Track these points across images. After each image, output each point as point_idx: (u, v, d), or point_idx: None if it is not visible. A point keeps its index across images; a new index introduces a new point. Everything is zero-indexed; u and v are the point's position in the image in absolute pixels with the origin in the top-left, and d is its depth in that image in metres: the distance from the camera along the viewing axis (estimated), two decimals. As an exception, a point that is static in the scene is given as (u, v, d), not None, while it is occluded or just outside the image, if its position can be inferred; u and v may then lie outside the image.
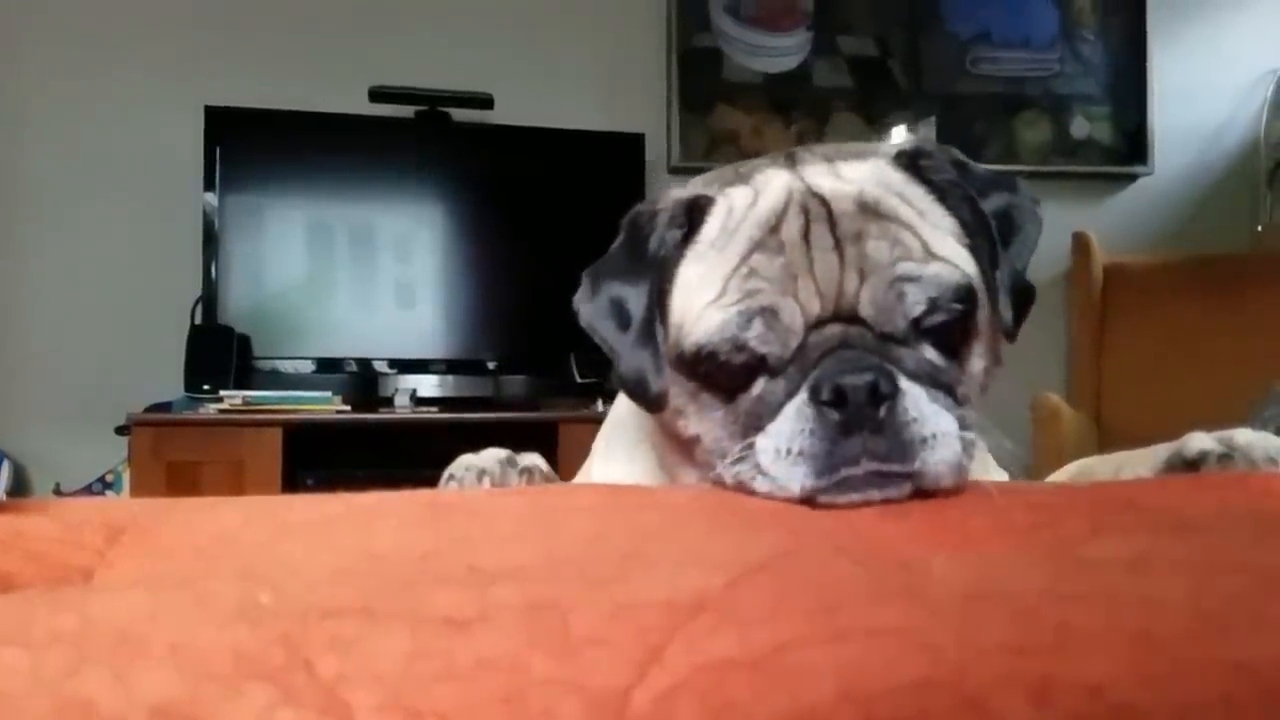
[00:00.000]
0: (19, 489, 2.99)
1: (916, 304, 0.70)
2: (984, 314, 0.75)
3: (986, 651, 0.36)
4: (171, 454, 2.61)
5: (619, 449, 0.92)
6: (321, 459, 2.70)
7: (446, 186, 3.16)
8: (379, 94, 3.05)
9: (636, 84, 3.46)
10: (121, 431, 2.70)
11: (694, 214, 0.78)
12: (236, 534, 0.57)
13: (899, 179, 0.77)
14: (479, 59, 3.30)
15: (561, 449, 2.56)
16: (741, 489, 0.70)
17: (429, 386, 3.13)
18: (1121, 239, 3.58)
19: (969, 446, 0.69)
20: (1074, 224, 3.54)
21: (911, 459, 0.66)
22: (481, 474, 0.81)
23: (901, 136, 3.63)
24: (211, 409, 2.70)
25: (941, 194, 0.77)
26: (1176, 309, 3.32)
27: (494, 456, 0.84)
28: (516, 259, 3.04)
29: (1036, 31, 3.68)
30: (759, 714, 0.34)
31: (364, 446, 2.82)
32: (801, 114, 3.55)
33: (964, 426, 0.69)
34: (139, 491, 2.62)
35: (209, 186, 2.93)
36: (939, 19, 3.63)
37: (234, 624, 0.38)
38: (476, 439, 1.01)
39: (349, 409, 2.81)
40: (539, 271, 2.86)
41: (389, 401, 3.01)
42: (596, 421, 1.01)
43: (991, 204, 0.77)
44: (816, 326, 0.71)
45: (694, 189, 0.81)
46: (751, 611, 0.40)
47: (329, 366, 3.01)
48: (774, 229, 0.73)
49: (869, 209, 0.73)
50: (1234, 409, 2.78)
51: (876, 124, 3.60)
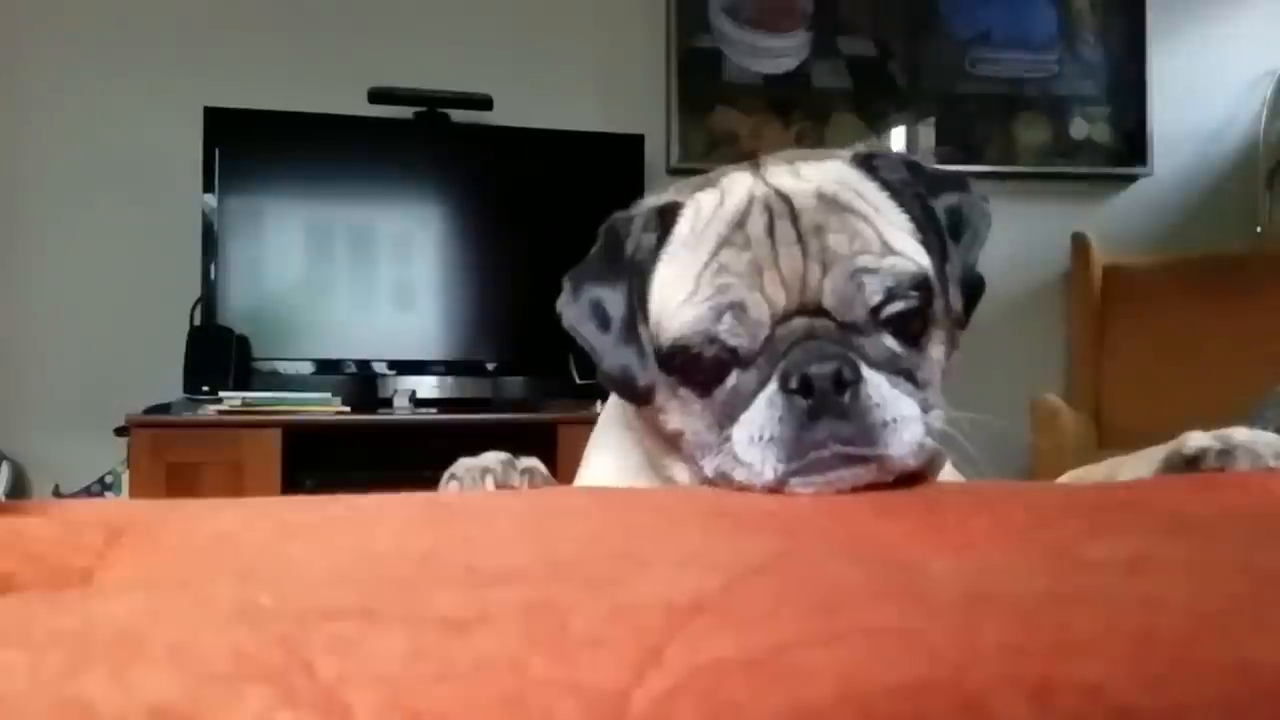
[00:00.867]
0: (18, 490, 2.99)
1: (875, 294, 0.75)
2: (939, 304, 0.80)
3: (985, 652, 0.36)
4: (171, 455, 2.61)
5: (608, 446, 0.95)
6: (321, 460, 2.70)
7: (446, 188, 3.16)
8: (378, 95, 3.05)
9: (636, 85, 3.46)
10: (121, 433, 2.70)
11: (666, 218, 0.83)
12: (236, 535, 0.57)
13: (855, 177, 0.82)
14: (478, 60, 3.30)
15: (561, 450, 2.56)
16: (723, 480, 0.75)
17: (428, 388, 3.14)
18: (1121, 240, 3.59)
19: (932, 429, 0.74)
20: (1073, 225, 3.55)
21: (875, 441, 0.71)
22: (484, 472, 0.82)
23: (901, 137, 3.64)
24: (211, 410, 2.70)
25: (895, 192, 0.81)
26: (1176, 310, 3.32)
27: (495, 458, 0.85)
28: (516, 260, 3.04)
29: (1036, 32, 3.68)
30: (758, 714, 0.34)
31: (363, 448, 2.82)
32: (801, 115, 3.55)
33: (926, 410, 0.74)
34: (138, 493, 2.62)
35: (208, 187, 2.93)
36: (938, 20, 3.63)
37: (233, 625, 0.38)
38: (476, 440, 1.01)
39: (348, 410, 2.81)
40: (538, 273, 2.84)
41: (388, 403, 3.02)
42: (595, 423, 1.02)
43: (943, 202, 0.82)
44: (784, 319, 0.75)
45: (666, 196, 0.86)
46: (750, 612, 0.40)
47: (328, 368, 3.00)
48: (740, 225, 0.78)
49: (829, 203, 0.78)
50: (1234, 409, 2.77)
51: (876, 125, 3.61)
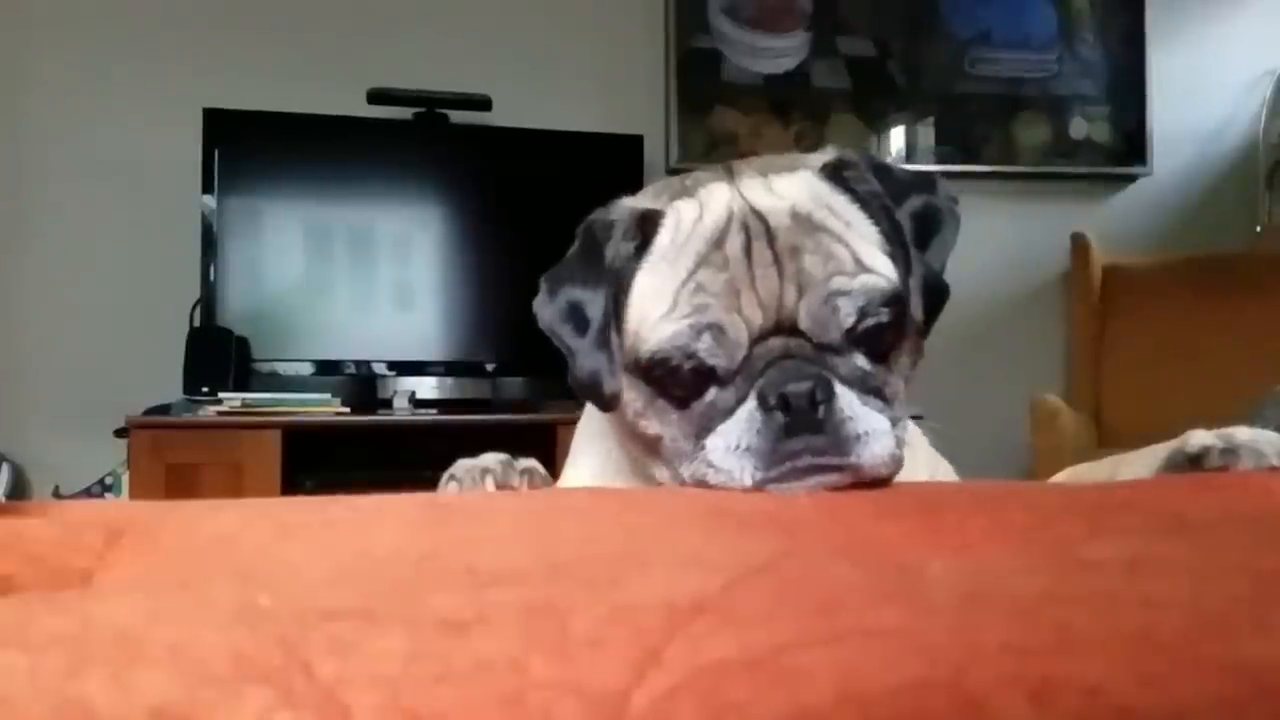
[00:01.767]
0: (18, 492, 2.99)
1: (848, 316, 0.78)
2: (908, 316, 0.82)
3: (985, 652, 0.36)
4: (170, 456, 2.61)
5: (592, 448, 0.97)
6: (320, 461, 2.70)
7: (445, 188, 3.16)
8: (377, 96, 3.05)
9: (635, 85, 3.46)
10: (120, 434, 2.70)
11: (646, 226, 0.84)
12: (235, 536, 0.56)
13: (826, 190, 0.84)
14: (477, 61, 3.30)
15: (560, 451, 2.54)
16: (699, 485, 0.77)
17: (428, 388, 3.14)
18: (1120, 240, 3.59)
19: (900, 442, 0.77)
20: (1073, 225, 3.55)
21: (849, 452, 0.74)
22: (484, 473, 0.83)
23: (900, 137, 3.64)
24: (210, 411, 2.70)
25: (864, 204, 0.83)
26: (1175, 309, 3.33)
27: (494, 459, 0.86)
28: (515, 261, 3.03)
29: (1035, 32, 3.68)
30: (758, 715, 0.34)
31: (363, 448, 2.83)
32: (800, 115, 3.55)
33: (894, 424, 0.77)
34: (138, 494, 2.62)
35: (208, 189, 2.93)
36: (938, 20, 3.64)
37: (233, 626, 0.38)
38: (475, 441, 1.01)
39: (348, 411, 2.81)
40: (538, 274, 2.85)
41: (388, 403, 3.02)
42: (594, 424, 1.02)
43: (910, 206, 0.84)
44: (761, 339, 0.78)
45: (644, 201, 0.87)
46: (750, 613, 0.40)
47: (328, 368, 3.00)
48: (718, 245, 0.80)
49: (803, 222, 0.80)
50: (1233, 409, 2.77)
51: (875, 125, 3.61)
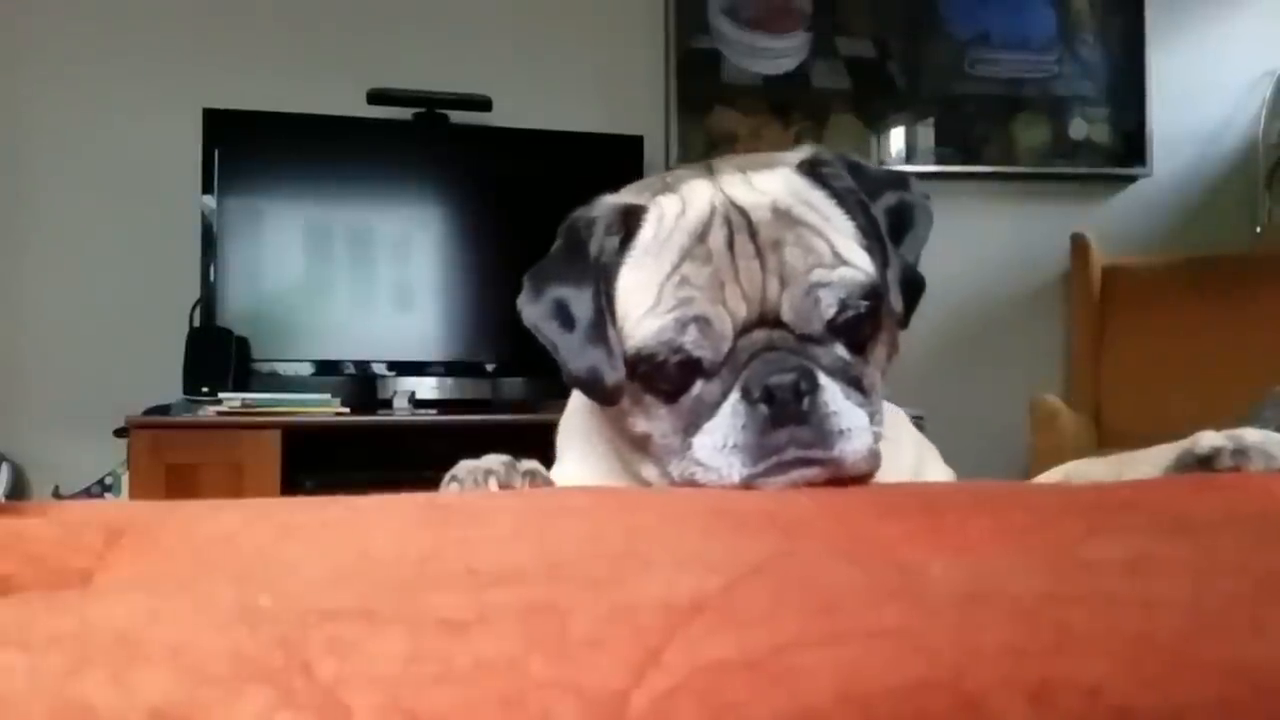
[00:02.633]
0: (18, 492, 2.99)
1: (829, 307, 0.79)
2: (885, 308, 0.83)
3: (985, 653, 0.36)
4: (170, 456, 2.61)
5: (572, 448, 0.97)
6: (320, 461, 2.70)
7: (445, 189, 3.16)
8: (377, 96, 3.05)
9: (635, 86, 3.46)
10: (120, 434, 2.69)
11: (629, 221, 0.85)
12: (235, 536, 0.56)
13: (804, 185, 0.85)
14: (477, 61, 3.30)
15: (560, 451, 2.56)
16: (689, 483, 0.79)
17: (428, 389, 3.13)
18: (1120, 240, 3.59)
19: (878, 437, 0.79)
20: (1072, 225, 3.55)
21: (831, 446, 0.76)
22: (487, 474, 0.83)
23: (900, 138, 3.64)
24: (210, 411, 2.69)
25: (841, 199, 0.85)
26: (1175, 310, 3.33)
27: (497, 460, 0.86)
28: (515, 261, 2.98)
29: (1035, 33, 3.68)
30: (757, 715, 0.34)
31: (363, 449, 2.82)
32: (800, 116, 3.55)
33: (872, 419, 0.79)
34: (138, 494, 2.61)
35: (207, 189, 2.92)
36: (937, 20, 3.64)
37: (233, 626, 0.38)
38: (475, 441, 1.01)
39: (348, 411, 2.81)
40: (538, 273, 2.85)
41: (388, 404, 3.01)
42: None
43: (884, 202, 0.86)
44: (745, 331, 0.79)
45: (627, 197, 0.88)
46: (749, 613, 0.40)
47: (328, 369, 3.00)
48: (701, 239, 0.81)
49: (783, 217, 0.82)
50: (1233, 410, 2.78)
51: (875, 126, 3.61)
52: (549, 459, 0.94)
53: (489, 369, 3.10)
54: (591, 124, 3.23)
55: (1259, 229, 3.76)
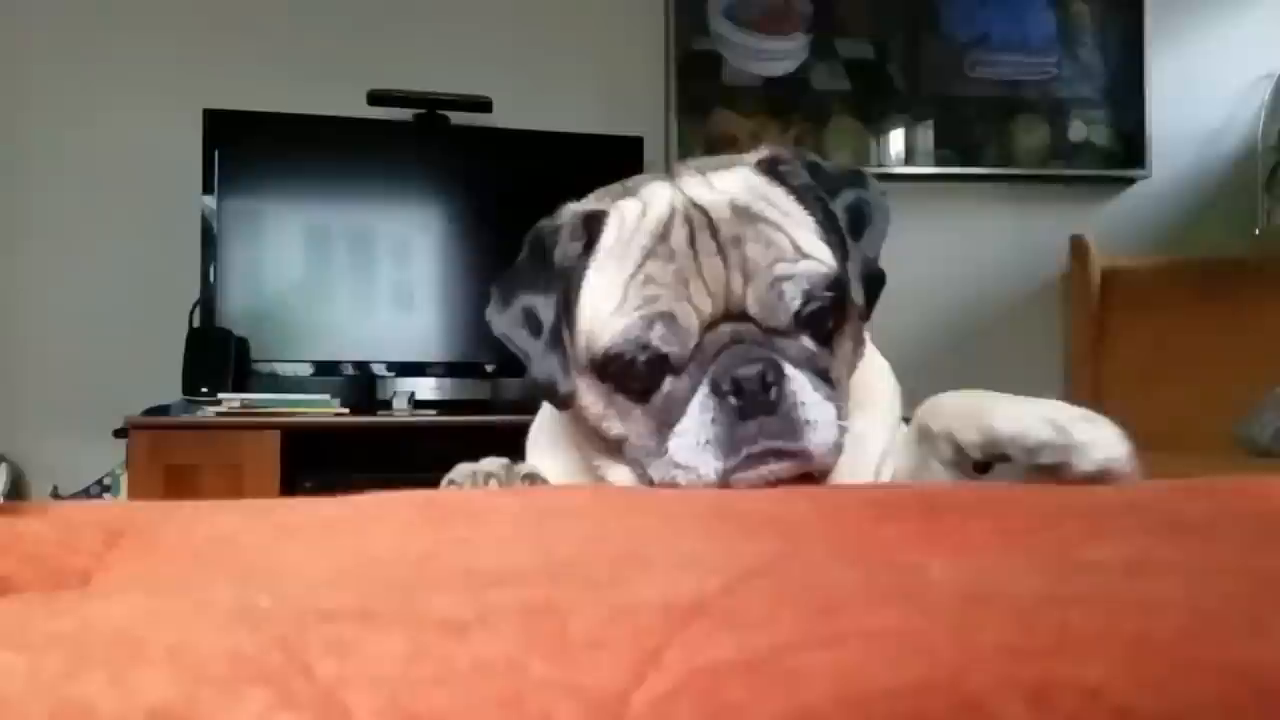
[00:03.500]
0: (17, 492, 2.99)
1: (794, 299, 0.81)
2: (847, 301, 0.85)
3: (984, 654, 0.36)
4: (169, 457, 2.61)
5: (542, 451, 0.98)
6: (320, 462, 2.70)
7: (445, 190, 3.16)
8: (377, 97, 3.05)
9: (635, 87, 3.46)
10: (119, 434, 2.69)
11: (591, 226, 0.86)
12: (235, 537, 0.57)
13: (762, 183, 0.86)
14: (477, 62, 3.30)
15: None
16: (669, 485, 0.79)
17: (427, 389, 3.13)
18: (1119, 242, 3.59)
19: (843, 430, 0.81)
20: (1071, 227, 3.55)
21: (799, 437, 0.77)
22: (488, 477, 0.83)
23: (899, 140, 3.64)
24: (210, 412, 2.69)
25: (800, 196, 0.86)
26: (1174, 312, 3.33)
27: (496, 463, 0.86)
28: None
29: (1034, 35, 3.69)
30: (757, 716, 0.34)
31: (362, 449, 2.82)
32: (800, 117, 3.55)
33: (839, 412, 0.80)
34: (137, 495, 2.61)
35: (208, 189, 2.92)
36: (937, 22, 3.64)
37: (232, 627, 0.38)
38: (475, 442, 1.01)
39: (347, 412, 2.81)
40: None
41: (387, 404, 3.01)
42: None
43: (843, 200, 0.87)
44: (711, 326, 0.80)
45: (589, 204, 0.89)
46: (749, 614, 0.40)
47: (327, 369, 3.00)
48: (663, 238, 0.82)
49: (742, 213, 0.83)
50: (1232, 411, 2.78)
51: (874, 127, 3.61)
52: (547, 460, 0.94)
53: (489, 370, 3.10)
54: (592, 125, 3.23)
55: (1258, 231, 3.76)
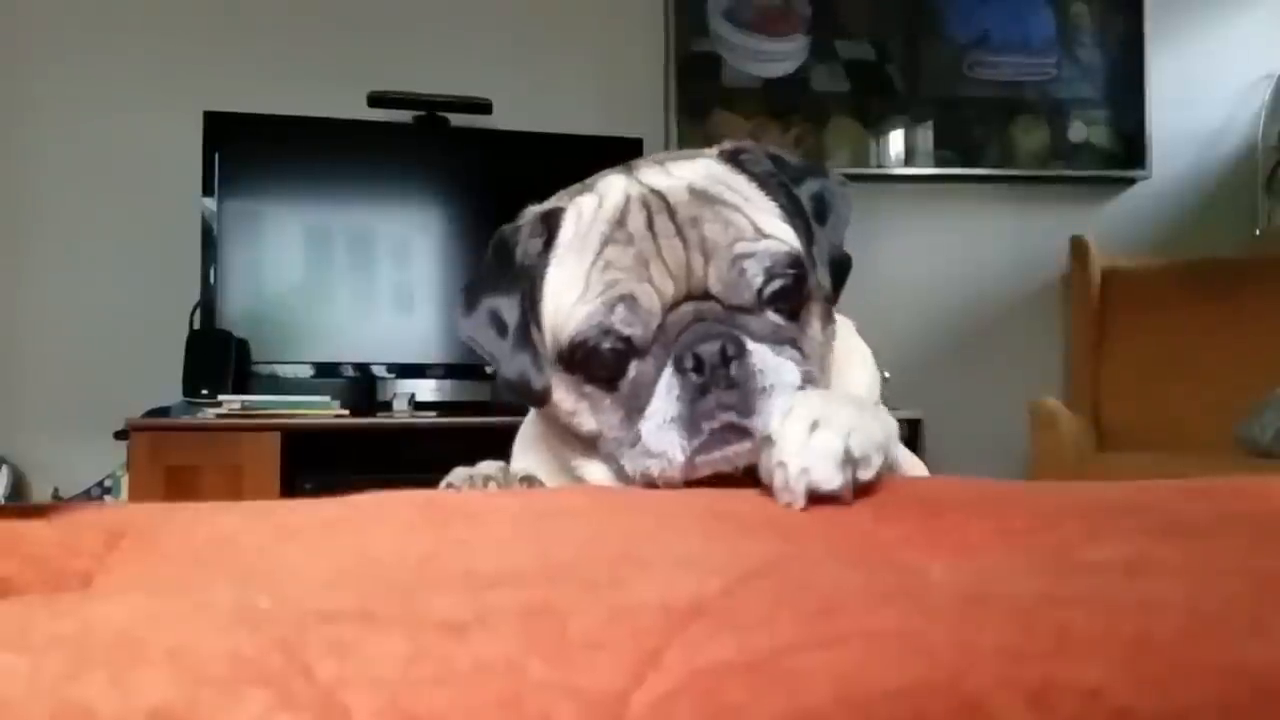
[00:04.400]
0: (18, 494, 2.99)
1: (757, 276, 0.81)
2: (812, 281, 0.85)
3: (984, 655, 0.36)
4: (170, 459, 2.61)
5: (528, 450, 0.98)
6: (320, 464, 2.70)
7: (445, 191, 3.17)
8: (378, 99, 3.05)
9: (635, 89, 3.46)
10: (120, 436, 2.69)
11: (549, 223, 0.87)
12: (235, 538, 0.57)
13: (723, 171, 0.87)
14: (477, 64, 3.30)
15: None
16: (644, 478, 0.79)
17: (427, 391, 3.13)
18: (1120, 243, 3.59)
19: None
20: (1072, 228, 3.55)
21: (753, 411, 0.76)
22: (486, 480, 0.83)
23: (899, 141, 3.64)
24: (210, 414, 2.69)
25: (761, 182, 0.87)
26: (1175, 313, 3.33)
27: (493, 466, 0.86)
28: (515, 263, 3.02)
29: (1034, 35, 3.69)
30: (757, 717, 0.34)
31: (363, 451, 2.82)
32: (799, 118, 3.55)
33: (808, 380, 0.80)
34: (137, 496, 2.61)
35: (208, 191, 2.93)
36: (937, 23, 3.64)
37: (232, 628, 0.38)
38: (475, 443, 1.02)
39: (347, 413, 2.81)
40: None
41: (387, 406, 3.01)
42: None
43: (807, 189, 0.88)
44: (673, 307, 0.80)
45: (548, 204, 0.90)
46: (749, 615, 0.40)
47: (327, 371, 3.00)
48: (621, 224, 0.83)
49: (700, 196, 0.83)
50: (1232, 412, 2.78)
51: (874, 128, 3.61)
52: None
53: (489, 371, 3.10)
54: (591, 127, 3.24)
55: (1258, 231, 3.76)
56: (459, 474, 0.85)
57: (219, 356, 2.85)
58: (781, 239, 0.83)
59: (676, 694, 0.35)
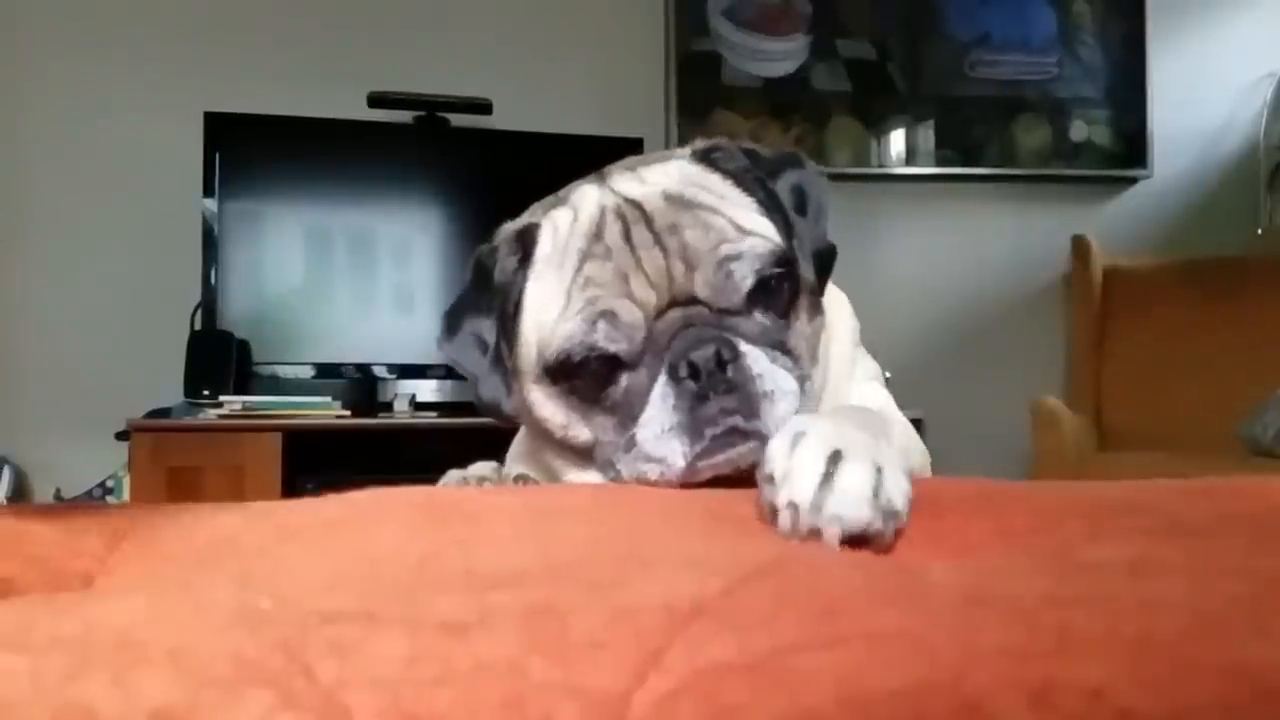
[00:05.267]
0: (19, 495, 2.99)
1: (745, 278, 0.80)
2: (798, 274, 0.84)
3: (986, 655, 0.36)
4: (171, 459, 2.61)
5: (520, 457, 0.98)
6: (321, 464, 2.70)
7: (445, 191, 3.17)
8: (378, 99, 3.05)
9: (635, 88, 3.46)
10: (121, 437, 2.69)
11: (525, 240, 0.86)
12: (236, 539, 0.57)
13: (697, 172, 0.86)
14: (477, 64, 3.31)
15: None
16: (641, 483, 0.78)
17: (428, 391, 3.14)
18: (1121, 242, 3.59)
19: (805, 405, 0.79)
20: (1073, 227, 3.55)
21: (757, 413, 0.76)
22: (480, 481, 0.83)
23: (900, 140, 3.64)
24: (211, 414, 2.70)
25: (737, 179, 0.86)
26: (1176, 312, 3.32)
27: (486, 466, 0.86)
28: (516, 263, 3.02)
29: (1035, 35, 3.69)
30: (758, 718, 0.34)
31: (364, 451, 2.82)
32: (800, 118, 3.55)
33: (801, 382, 0.79)
34: (139, 497, 2.61)
35: (209, 192, 2.93)
36: (938, 22, 3.64)
37: (234, 629, 0.38)
38: (476, 444, 1.02)
39: (348, 414, 2.81)
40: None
41: (388, 406, 3.01)
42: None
43: (784, 181, 0.87)
44: (659, 315, 0.79)
45: (522, 220, 0.89)
46: (750, 616, 0.40)
47: (328, 372, 3.00)
48: (598, 237, 0.82)
49: (676, 201, 0.82)
50: (1233, 412, 2.78)
51: (875, 128, 3.61)
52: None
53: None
54: (592, 127, 3.24)
55: (1260, 230, 3.76)
56: (452, 476, 0.85)
57: (220, 357, 2.85)
58: (764, 235, 0.82)
59: (678, 694, 0.35)
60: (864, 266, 3.49)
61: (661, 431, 0.77)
